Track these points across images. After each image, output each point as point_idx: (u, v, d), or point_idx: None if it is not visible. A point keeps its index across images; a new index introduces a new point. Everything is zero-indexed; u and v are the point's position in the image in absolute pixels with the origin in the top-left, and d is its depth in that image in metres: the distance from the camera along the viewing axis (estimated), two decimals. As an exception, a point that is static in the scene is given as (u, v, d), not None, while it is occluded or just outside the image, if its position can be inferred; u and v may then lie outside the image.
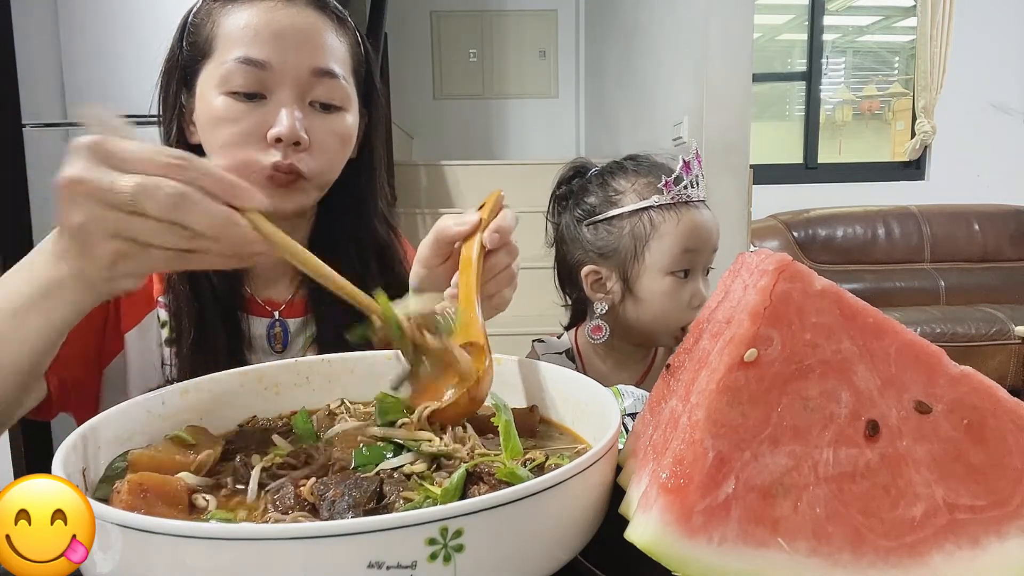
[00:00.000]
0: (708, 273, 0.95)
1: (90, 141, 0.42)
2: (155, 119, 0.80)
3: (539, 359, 1.02)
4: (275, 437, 0.50)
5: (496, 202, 0.61)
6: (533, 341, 1.05)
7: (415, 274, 0.64)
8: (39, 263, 0.49)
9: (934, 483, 0.38)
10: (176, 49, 0.77)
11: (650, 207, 0.92)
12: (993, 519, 0.37)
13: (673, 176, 0.91)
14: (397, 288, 0.87)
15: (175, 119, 0.77)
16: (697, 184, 0.93)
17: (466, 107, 4.67)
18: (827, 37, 3.95)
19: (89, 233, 0.43)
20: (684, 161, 0.92)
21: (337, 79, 0.75)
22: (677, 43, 2.77)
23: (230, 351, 0.76)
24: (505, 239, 0.59)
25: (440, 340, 0.51)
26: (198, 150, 0.76)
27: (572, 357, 1.02)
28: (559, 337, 1.05)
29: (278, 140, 0.71)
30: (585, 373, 0.99)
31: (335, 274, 0.49)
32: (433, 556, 0.31)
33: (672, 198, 0.91)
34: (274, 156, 0.72)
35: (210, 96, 0.73)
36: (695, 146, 0.94)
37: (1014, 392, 0.41)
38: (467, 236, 0.59)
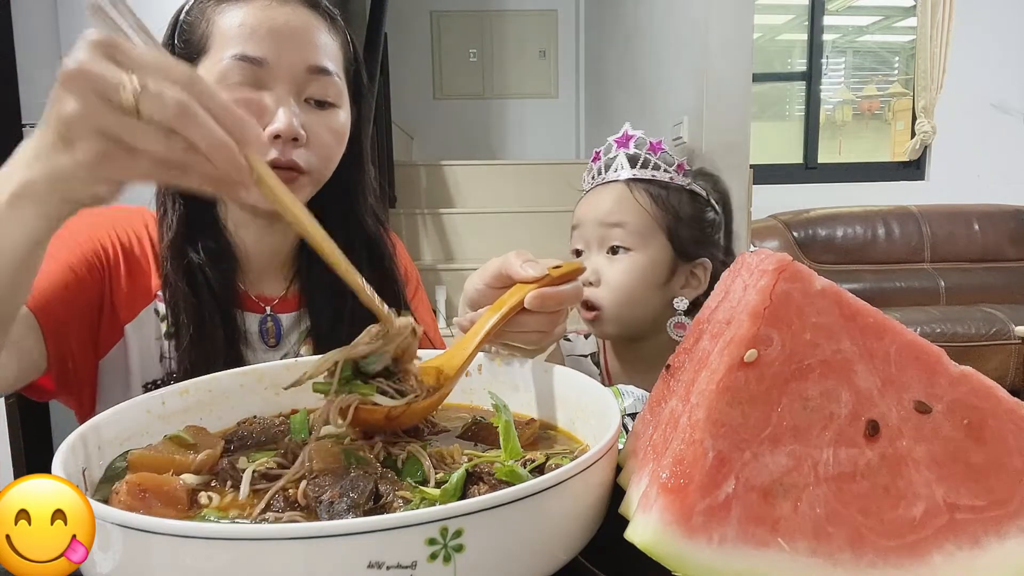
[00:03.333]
0: (619, 252, 0.92)
1: (101, 37, 0.40)
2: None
3: (564, 358, 1.02)
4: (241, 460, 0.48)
5: (572, 272, 0.59)
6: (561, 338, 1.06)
7: (473, 287, 0.62)
8: (13, 167, 0.45)
9: (934, 483, 0.38)
10: (167, 46, 0.77)
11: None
12: (993, 519, 0.37)
13: (586, 170, 0.99)
14: (385, 281, 0.87)
15: None
16: (605, 169, 0.96)
17: (466, 107, 4.67)
18: (827, 37, 3.95)
19: (79, 126, 0.40)
20: (595, 152, 0.97)
21: (331, 76, 0.76)
22: (677, 43, 2.77)
23: (227, 345, 0.77)
24: (546, 306, 0.56)
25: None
26: None
27: (596, 362, 1.02)
28: (587, 337, 1.05)
29: (276, 137, 0.72)
30: (608, 373, 0.99)
31: (333, 246, 0.46)
32: (433, 556, 0.31)
33: (587, 187, 0.98)
34: (272, 153, 0.73)
35: None
36: (625, 127, 0.96)
37: (1014, 392, 0.41)
38: (525, 282, 0.57)
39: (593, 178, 0.97)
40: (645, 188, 0.92)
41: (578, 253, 0.96)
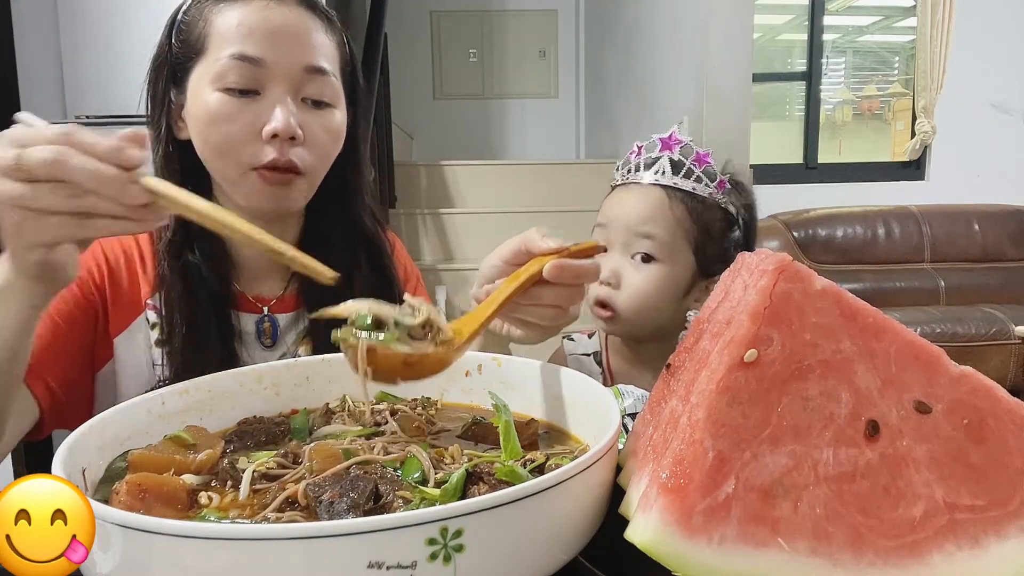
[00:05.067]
0: (647, 260, 0.89)
1: None
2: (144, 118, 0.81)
3: (566, 357, 1.02)
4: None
5: (590, 249, 0.60)
6: (563, 338, 1.05)
7: (490, 263, 0.63)
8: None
9: (934, 483, 0.38)
10: (165, 46, 0.77)
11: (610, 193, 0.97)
12: (993, 519, 0.37)
13: (621, 161, 0.95)
14: (383, 281, 0.87)
15: (164, 116, 0.78)
16: (645, 167, 0.92)
17: (466, 107, 4.67)
18: (827, 37, 3.94)
19: None
20: (636, 146, 0.94)
21: (328, 76, 0.77)
22: (677, 43, 2.77)
23: (222, 346, 0.77)
24: (564, 276, 0.57)
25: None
26: (187, 146, 0.77)
27: (599, 361, 1.01)
28: (590, 336, 1.05)
29: (274, 136, 0.73)
30: (611, 372, 0.99)
31: (252, 228, 0.48)
32: (433, 556, 0.31)
33: (621, 180, 0.95)
34: (270, 153, 0.73)
35: (204, 93, 0.73)
36: (673, 129, 0.93)
37: (1014, 392, 0.41)
38: (544, 254, 0.58)
39: (629, 171, 0.93)
40: (683, 200, 0.90)
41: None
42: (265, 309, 0.83)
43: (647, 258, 0.90)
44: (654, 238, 0.89)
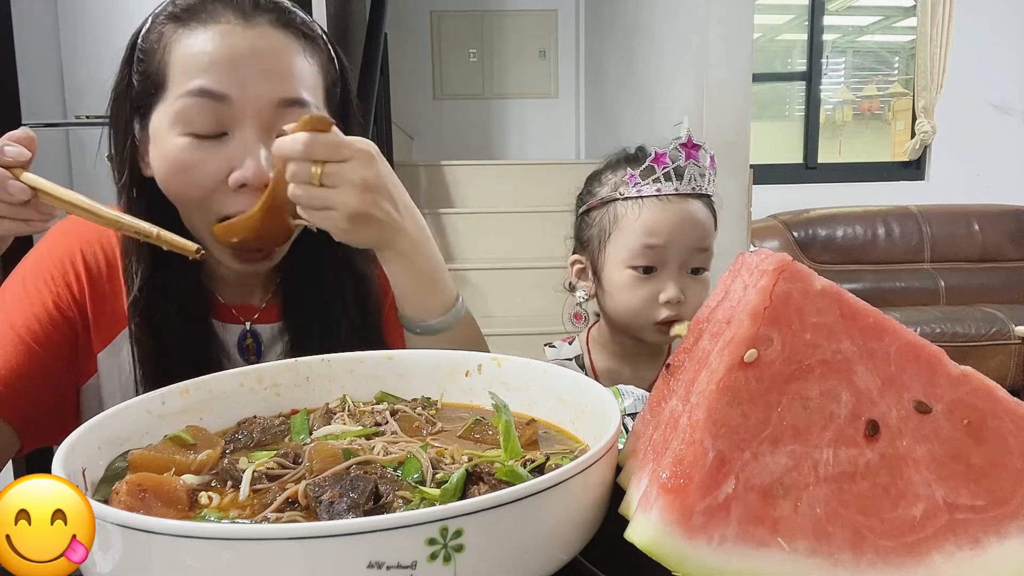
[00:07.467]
0: (700, 272, 0.92)
1: None
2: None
3: (550, 363, 1.02)
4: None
5: (319, 121, 0.60)
6: (544, 346, 1.05)
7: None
8: None
9: (934, 483, 0.38)
10: (124, 76, 0.70)
11: (615, 199, 0.92)
12: (993, 519, 0.37)
13: (640, 169, 0.90)
14: (368, 319, 0.79)
15: (127, 153, 0.71)
16: (676, 177, 0.89)
17: (466, 107, 4.67)
18: (827, 37, 3.95)
19: None
20: (656, 153, 0.89)
21: (307, 108, 0.68)
22: (677, 43, 2.78)
23: (199, 361, 0.70)
24: (287, 155, 0.59)
25: None
26: (152, 183, 0.70)
27: (581, 364, 1.02)
28: (570, 343, 1.05)
29: (242, 186, 0.66)
30: (595, 372, 1.00)
31: (116, 213, 0.54)
32: (433, 556, 0.31)
33: (637, 191, 0.90)
34: (239, 204, 0.66)
35: (166, 137, 0.66)
36: (687, 132, 0.90)
37: (1014, 392, 0.41)
38: (281, 153, 0.61)
39: (656, 180, 0.89)
40: (709, 205, 0.93)
41: (647, 269, 0.90)
42: (247, 324, 0.78)
43: (696, 270, 0.92)
44: (708, 250, 0.92)
